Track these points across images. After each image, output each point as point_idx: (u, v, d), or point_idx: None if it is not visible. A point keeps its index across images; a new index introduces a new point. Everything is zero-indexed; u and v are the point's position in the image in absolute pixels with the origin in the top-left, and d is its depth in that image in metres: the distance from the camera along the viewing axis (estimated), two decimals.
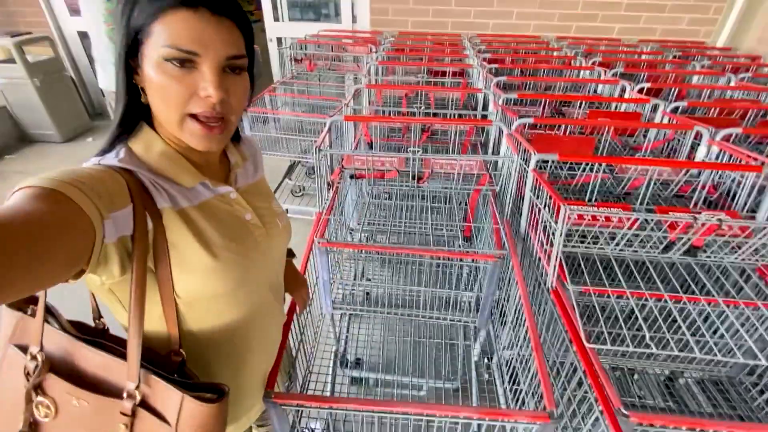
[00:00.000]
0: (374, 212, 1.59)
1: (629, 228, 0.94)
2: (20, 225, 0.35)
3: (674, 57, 2.59)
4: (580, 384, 0.85)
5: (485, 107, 1.94)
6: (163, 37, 0.47)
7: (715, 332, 0.94)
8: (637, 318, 0.88)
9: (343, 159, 1.42)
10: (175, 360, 0.57)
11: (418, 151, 1.26)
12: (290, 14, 3.81)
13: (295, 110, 2.53)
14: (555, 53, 2.67)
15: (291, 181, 3.06)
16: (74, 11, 3.99)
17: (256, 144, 0.79)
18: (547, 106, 1.86)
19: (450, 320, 1.22)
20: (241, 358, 0.69)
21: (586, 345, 0.83)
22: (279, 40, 3.87)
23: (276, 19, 3.78)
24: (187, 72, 0.49)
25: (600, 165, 1.20)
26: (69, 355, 0.53)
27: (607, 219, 0.97)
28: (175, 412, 0.50)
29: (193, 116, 0.51)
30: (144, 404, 0.51)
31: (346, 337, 1.66)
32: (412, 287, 1.20)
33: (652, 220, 0.92)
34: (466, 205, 1.47)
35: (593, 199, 1.23)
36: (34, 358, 0.52)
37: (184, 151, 0.58)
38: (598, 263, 1.09)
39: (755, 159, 1.12)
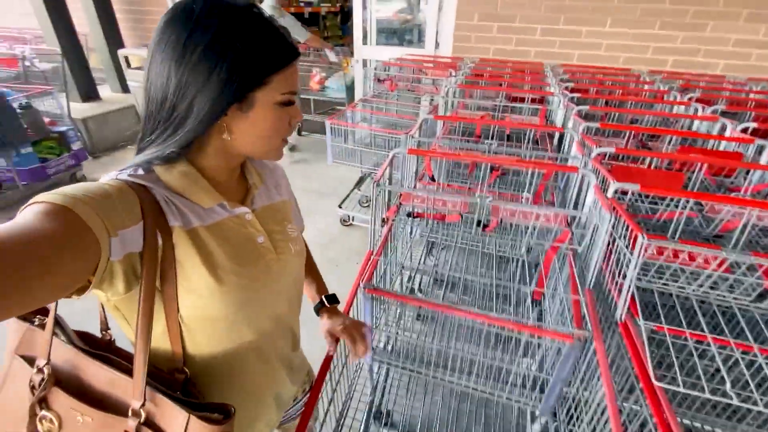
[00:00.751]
0: (430, 258, 1.50)
1: (716, 269, 0.88)
2: (20, 241, 0.35)
3: None
4: None
5: (561, 140, 1.91)
6: (282, 86, 0.56)
7: None
8: (714, 372, 0.82)
9: (401, 195, 1.33)
10: (179, 378, 0.57)
11: (488, 198, 1.11)
12: (378, 39, 4.08)
13: (373, 126, 2.69)
14: (646, 86, 2.54)
15: (360, 192, 3.22)
16: None
17: (279, 167, 0.82)
18: (631, 138, 1.78)
19: (506, 398, 1.07)
20: (246, 383, 0.69)
21: (655, 383, 0.79)
22: (364, 61, 4.15)
23: (364, 42, 4.07)
24: (289, 109, 0.60)
25: (687, 201, 1.13)
26: (75, 369, 0.52)
27: (691, 257, 0.91)
28: None
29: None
30: (149, 423, 0.50)
31: (384, 388, 1.53)
32: (464, 350, 1.08)
33: (743, 263, 0.85)
34: (538, 262, 1.30)
35: (676, 236, 1.16)
36: (40, 371, 0.51)
37: (207, 171, 0.61)
38: (678, 306, 1.02)
39: None
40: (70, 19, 4.24)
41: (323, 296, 0.92)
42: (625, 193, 1.27)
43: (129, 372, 0.50)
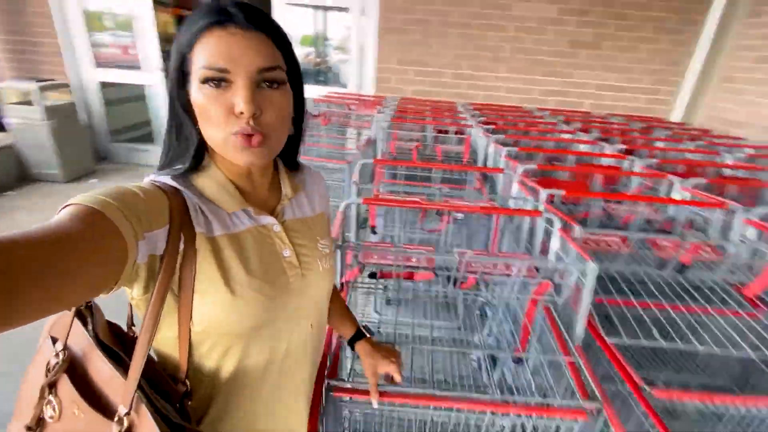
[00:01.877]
0: (385, 311, 1.41)
1: (626, 247, 1.13)
2: (51, 243, 0.35)
3: (640, 127, 3.03)
4: None
5: (486, 161, 2.21)
6: (199, 61, 0.48)
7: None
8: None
9: (359, 254, 1.18)
10: (180, 390, 0.54)
11: (465, 253, 1.01)
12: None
13: (309, 155, 2.75)
14: (538, 120, 3.07)
15: None
16: (100, 64, 4.29)
17: (320, 177, 0.74)
18: (540, 160, 2.14)
19: None
20: (251, 410, 0.62)
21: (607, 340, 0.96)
22: None
23: None
24: (223, 91, 0.49)
25: (597, 201, 1.42)
26: (85, 359, 0.51)
27: (608, 243, 1.16)
28: None
29: (233, 133, 0.51)
30: None
31: None
32: None
33: (643, 240, 1.11)
34: (514, 313, 1.22)
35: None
36: (57, 354, 0.51)
37: (234, 176, 0.58)
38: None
39: (719, 200, 1.37)
40: None
41: (360, 326, 0.84)
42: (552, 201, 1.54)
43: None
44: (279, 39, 0.52)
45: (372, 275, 1.18)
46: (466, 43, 3.86)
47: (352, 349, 0.83)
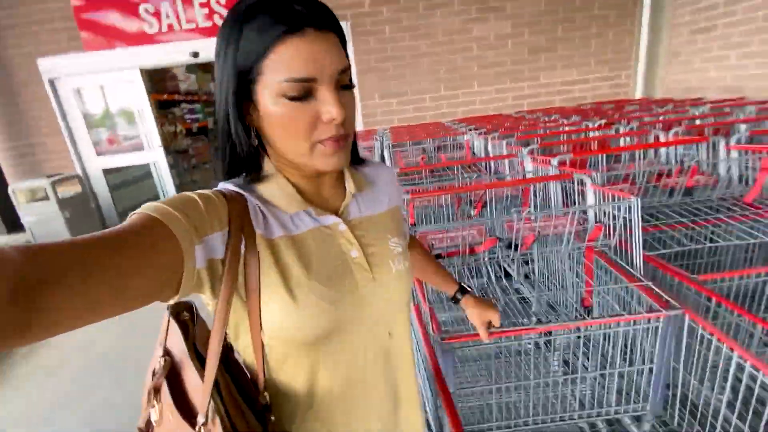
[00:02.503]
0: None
1: (636, 189, 1.33)
2: (108, 248, 0.36)
3: (611, 108, 3.35)
4: None
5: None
6: (277, 73, 0.45)
7: None
8: None
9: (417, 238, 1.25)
10: (262, 402, 0.52)
11: (524, 212, 1.12)
12: None
13: None
14: (521, 119, 3.38)
15: None
16: (100, 153, 4.54)
17: (388, 170, 0.69)
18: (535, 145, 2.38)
19: (609, 412, 1.00)
20: (325, 426, 0.58)
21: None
22: None
23: None
24: (306, 103, 0.47)
25: (599, 162, 1.63)
26: (181, 366, 0.51)
27: (620, 190, 1.35)
28: None
29: (320, 142, 0.50)
30: None
31: None
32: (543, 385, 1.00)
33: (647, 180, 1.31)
34: (565, 272, 1.30)
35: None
36: (159, 360, 0.52)
37: (300, 179, 0.56)
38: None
39: (702, 137, 1.60)
40: None
41: (461, 283, 0.85)
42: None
43: (218, 384, 0.48)
44: (342, 36, 0.51)
45: (438, 256, 1.23)
46: (437, 68, 4.26)
47: (456, 303, 0.85)
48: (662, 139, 1.83)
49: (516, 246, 1.18)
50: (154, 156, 4.61)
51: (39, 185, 3.84)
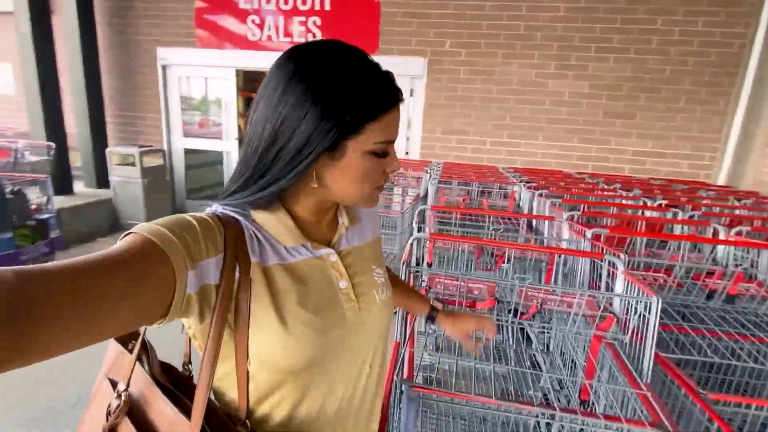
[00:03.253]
0: (454, 349, 1.49)
1: (673, 282, 1.23)
2: (99, 270, 0.36)
3: (682, 188, 3.10)
4: None
5: (530, 223, 2.38)
6: (377, 135, 0.51)
7: None
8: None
9: (426, 279, 1.28)
10: (239, 431, 0.51)
11: (528, 279, 1.12)
12: None
13: None
14: (580, 180, 3.25)
15: None
16: (187, 134, 5.12)
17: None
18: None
19: None
20: None
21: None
22: None
23: None
24: (383, 157, 0.54)
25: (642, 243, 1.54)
26: (145, 402, 0.49)
27: (654, 279, 1.26)
28: None
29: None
30: None
31: None
32: None
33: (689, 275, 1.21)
34: (575, 354, 1.25)
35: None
36: (118, 396, 0.50)
37: (305, 212, 0.58)
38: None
39: (764, 242, 1.45)
40: (63, 119, 4.50)
41: (435, 300, 0.91)
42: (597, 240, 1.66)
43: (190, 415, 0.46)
44: None
45: (437, 300, 1.27)
46: (504, 114, 4.25)
47: (432, 322, 0.89)
48: (722, 233, 1.68)
49: (516, 312, 1.15)
50: (228, 146, 5.08)
51: (130, 152, 4.41)
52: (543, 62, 4.09)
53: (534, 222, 2.21)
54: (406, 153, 4.57)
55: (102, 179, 4.81)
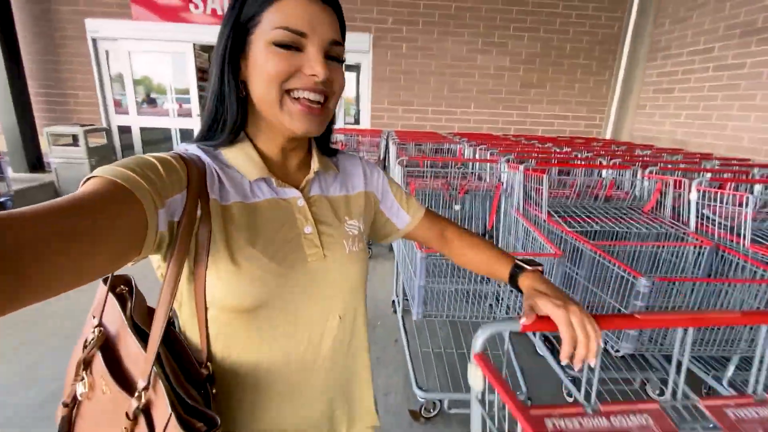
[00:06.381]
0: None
1: (575, 194, 1.92)
2: (70, 215, 0.35)
3: (580, 141, 4.01)
4: None
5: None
6: (274, 21, 0.48)
7: None
8: None
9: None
10: (203, 373, 0.52)
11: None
12: None
13: None
14: (504, 138, 3.99)
15: None
16: (119, 111, 4.95)
17: (356, 159, 0.71)
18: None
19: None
20: (261, 404, 0.57)
21: None
22: None
23: None
24: (292, 54, 0.49)
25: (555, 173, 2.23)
26: (117, 338, 0.51)
27: (564, 192, 1.94)
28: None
29: (294, 98, 0.51)
30: (146, 411, 0.46)
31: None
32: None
33: (584, 187, 1.91)
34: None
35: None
36: (93, 331, 0.52)
37: (268, 149, 0.57)
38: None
39: (628, 164, 2.21)
40: None
41: (517, 258, 0.66)
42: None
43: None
44: (342, 20, 0.54)
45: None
46: (442, 86, 4.86)
47: (514, 286, 0.65)
48: (605, 162, 2.45)
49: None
50: (177, 123, 5.03)
51: (73, 131, 4.22)
52: (472, 39, 4.73)
53: (478, 169, 2.86)
54: (357, 123, 4.99)
55: (34, 163, 4.51)
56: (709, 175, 2.00)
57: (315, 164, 0.61)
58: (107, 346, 0.51)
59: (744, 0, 3.42)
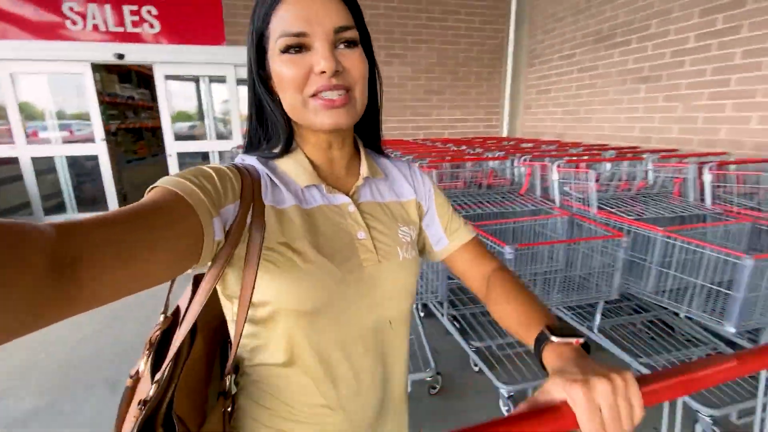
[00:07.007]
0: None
1: (463, 183, 2.12)
2: (129, 223, 0.36)
3: (480, 140, 4.41)
4: None
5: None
6: (276, 31, 0.49)
7: None
8: None
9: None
10: (227, 379, 0.53)
11: None
12: None
13: None
14: (413, 144, 4.24)
15: None
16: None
17: (407, 165, 0.70)
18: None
19: None
20: (320, 405, 0.56)
21: None
22: None
23: None
24: (302, 56, 0.49)
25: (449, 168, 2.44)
26: (177, 326, 0.54)
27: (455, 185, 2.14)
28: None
29: (315, 96, 0.50)
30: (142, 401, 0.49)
31: None
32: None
33: (471, 179, 2.12)
34: None
35: None
36: (161, 315, 0.58)
37: (313, 152, 0.58)
38: None
39: (506, 156, 2.49)
40: None
41: (547, 325, 0.48)
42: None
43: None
44: (351, 2, 0.53)
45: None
46: None
47: (537, 352, 0.48)
48: (489, 155, 2.73)
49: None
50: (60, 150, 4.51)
51: None
52: (376, 51, 4.94)
53: None
54: None
55: None
56: (566, 158, 2.34)
57: (364, 170, 0.61)
58: (170, 329, 0.56)
59: (592, 13, 4.08)
